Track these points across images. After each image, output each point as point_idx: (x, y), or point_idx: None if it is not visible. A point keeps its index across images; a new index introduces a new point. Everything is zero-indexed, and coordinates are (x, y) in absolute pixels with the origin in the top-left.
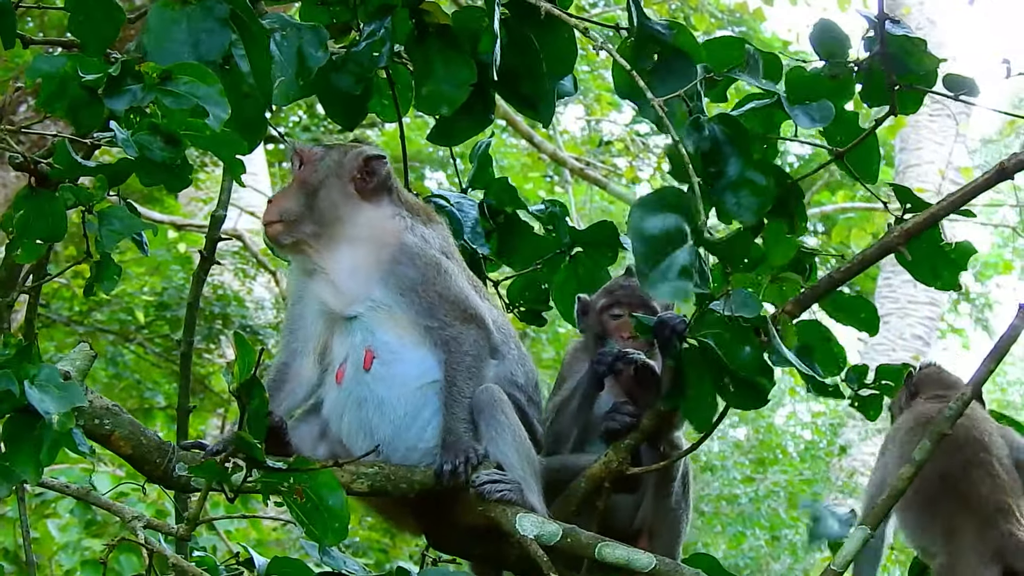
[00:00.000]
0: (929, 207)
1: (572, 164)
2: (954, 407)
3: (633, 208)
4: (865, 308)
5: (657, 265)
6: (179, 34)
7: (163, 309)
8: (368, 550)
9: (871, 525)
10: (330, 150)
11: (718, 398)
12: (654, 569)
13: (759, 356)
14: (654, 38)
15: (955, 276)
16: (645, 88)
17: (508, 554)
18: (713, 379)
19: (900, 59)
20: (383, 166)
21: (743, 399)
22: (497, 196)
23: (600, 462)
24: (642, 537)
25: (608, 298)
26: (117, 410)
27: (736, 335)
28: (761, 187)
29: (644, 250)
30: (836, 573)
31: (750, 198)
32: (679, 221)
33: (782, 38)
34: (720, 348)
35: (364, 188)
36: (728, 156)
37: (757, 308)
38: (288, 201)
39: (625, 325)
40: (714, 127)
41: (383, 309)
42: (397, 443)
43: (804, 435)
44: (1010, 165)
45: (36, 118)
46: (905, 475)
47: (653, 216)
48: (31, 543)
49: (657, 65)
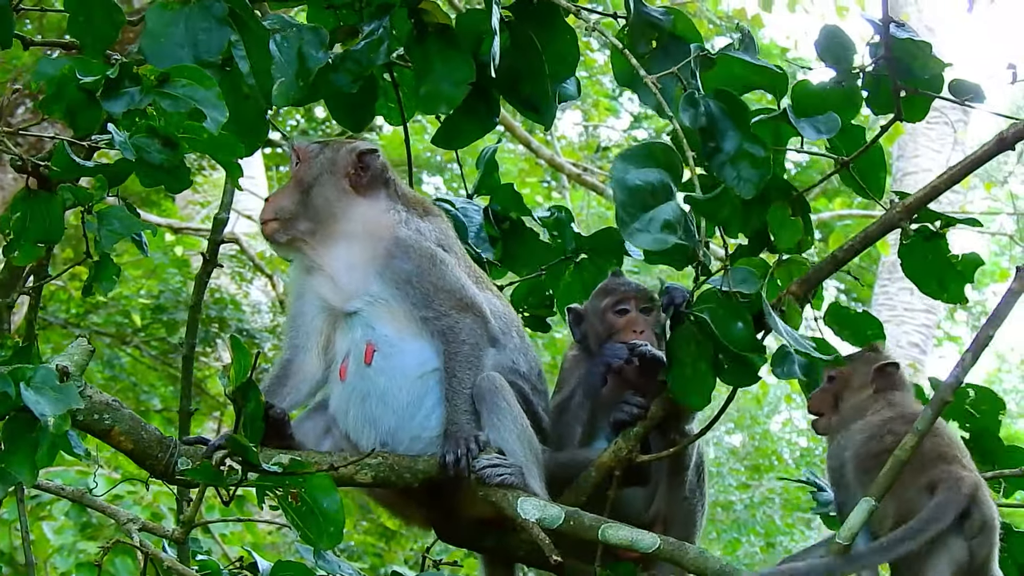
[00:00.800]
0: (934, 214)
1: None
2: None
3: (616, 159)
4: (871, 325)
5: (639, 216)
6: (177, 33)
7: (160, 312)
8: (363, 554)
9: (875, 496)
10: (324, 147)
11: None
12: (658, 549)
13: (751, 332)
14: (651, 24)
15: (961, 288)
16: (638, 66)
17: (517, 547)
18: (707, 355)
19: (905, 63)
20: (376, 159)
21: (736, 376)
22: (502, 202)
23: (610, 450)
24: (656, 527)
25: (611, 297)
26: (117, 405)
27: (729, 310)
28: (760, 159)
29: (625, 199)
30: (842, 546)
31: (750, 170)
32: (663, 176)
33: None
34: (714, 323)
35: (359, 183)
36: (725, 130)
37: (756, 285)
38: (284, 199)
39: (634, 321)
40: (710, 102)
41: (381, 303)
42: (401, 433)
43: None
44: (1009, 135)
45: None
46: (908, 444)
47: (637, 168)
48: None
49: (655, 51)
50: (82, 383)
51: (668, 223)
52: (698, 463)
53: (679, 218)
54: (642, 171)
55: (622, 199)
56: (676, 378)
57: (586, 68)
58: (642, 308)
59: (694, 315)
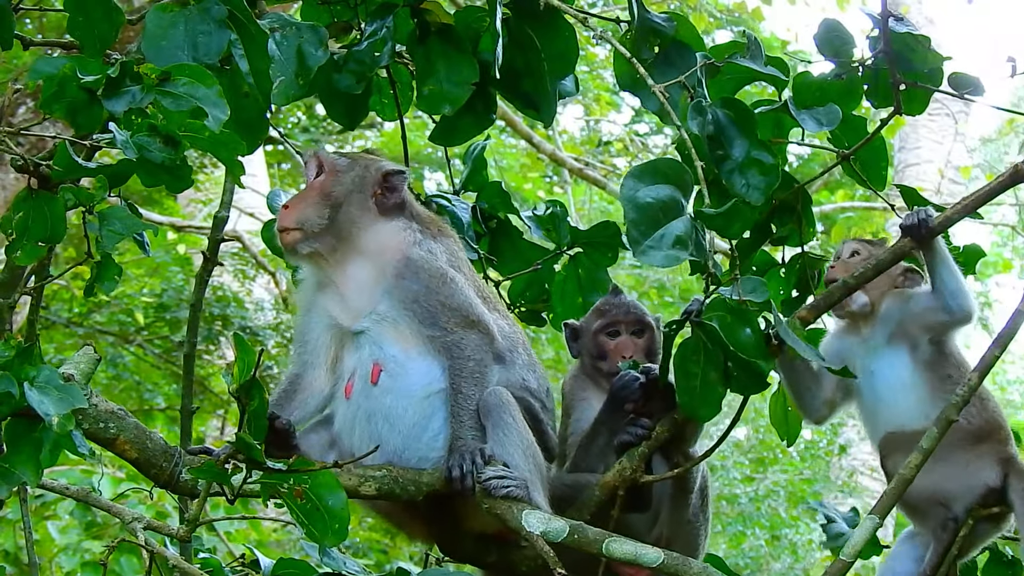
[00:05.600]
0: (935, 206)
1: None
2: (961, 393)
3: (626, 177)
4: None
5: (650, 233)
6: (177, 36)
7: (162, 311)
8: (368, 551)
9: (879, 514)
10: (354, 162)
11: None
12: (661, 564)
13: (759, 339)
14: (655, 30)
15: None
16: (646, 76)
17: (520, 562)
18: (716, 364)
19: (904, 56)
20: (403, 181)
21: (745, 384)
22: (490, 200)
23: (614, 470)
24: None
25: (602, 319)
26: (122, 414)
27: (737, 317)
28: (768, 166)
29: (636, 218)
30: (846, 563)
31: (758, 178)
32: (673, 192)
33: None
34: (722, 331)
35: (383, 204)
36: (733, 138)
37: (766, 294)
38: (309, 210)
39: (624, 345)
40: (717, 110)
41: (388, 322)
42: (408, 454)
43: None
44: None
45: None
46: (913, 463)
47: (646, 185)
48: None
49: (658, 57)
50: (88, 391)
51: (679, 239)
52: (702, 486)
53: (690, 233)
54: (652, 188)
55: (633, 217)
56: (685, 391)
57: (587, 63)
58: (633, 331)
59: (704, 323)
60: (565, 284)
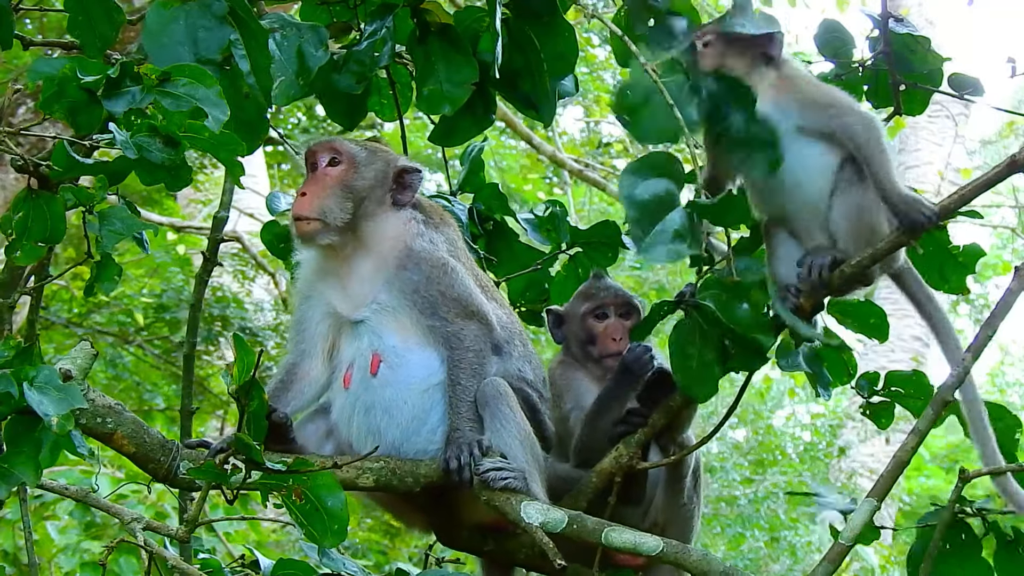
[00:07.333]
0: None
1: (571, 165)
2: (956, 374)
3: (623, 174)
4: (874, 313)
5: (651, 230)
6: (178, 32)
7: (162, 311)
8: (367, 551)
9: (876, 497)
10: (374, 155)
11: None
12: (661, 552)
13: (756, 313)
14: (648, 6)
15: (963, 279)
16: (637, 52)
17: (517, 551)
18: (713, 343)
19: (904, 58)
20: (418, 179)
21: (744, 360)
22: (487, 202)
23: (610, 457)
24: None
25: (589, 302)
26: (120, 409)
27: (733, 294)
28: (768, 140)
29: (637, 216)
30: (845, 547)
31: (759, 152)
32: (668, 185)
33: None
34: (718, 308)
35: (399, 201)
36: (730, 113)
37: (760, 273)
38: (330, 201)
39: (613, 327)
40: (711, 87)
41: (388, 312)
42: (406, 447)
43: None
44: (1021, 158)
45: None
46: (910, 445)
47: (643, 181)
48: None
49: (652, 28)
50: (85, 386)
51: (677, 232)
52: (695, 468)
53: (686, 223)
54: (648, 183)
55: (633, 216)
56: (681, 371)
57: (587, 64)
58: (620, 313)
59: (699, 304)
60: (565, 284)
